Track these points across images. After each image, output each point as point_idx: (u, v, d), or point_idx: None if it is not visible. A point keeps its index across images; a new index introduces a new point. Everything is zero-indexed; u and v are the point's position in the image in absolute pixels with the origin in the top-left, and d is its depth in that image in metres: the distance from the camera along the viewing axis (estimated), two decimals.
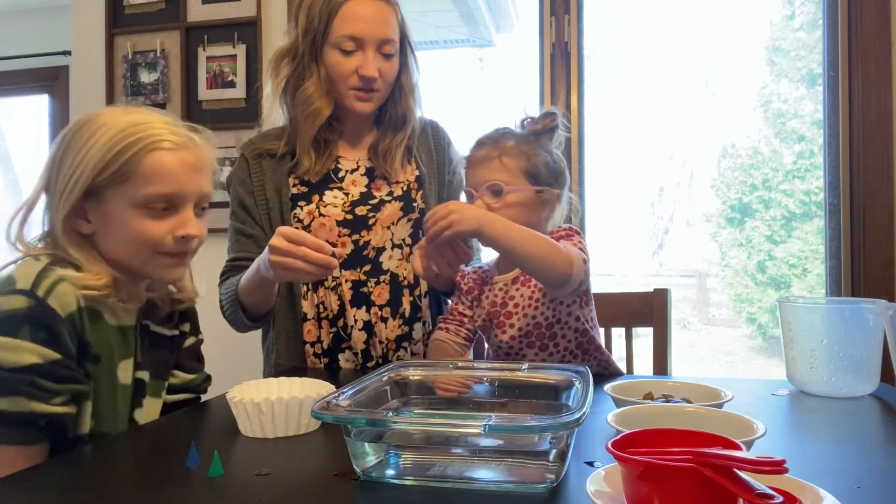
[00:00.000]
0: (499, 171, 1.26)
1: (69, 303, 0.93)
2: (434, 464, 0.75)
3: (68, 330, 0.93)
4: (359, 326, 1.40)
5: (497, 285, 1.32)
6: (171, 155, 1.00)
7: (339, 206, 1.42)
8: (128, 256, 1.02)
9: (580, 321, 1.29)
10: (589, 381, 0.82)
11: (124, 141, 0.98)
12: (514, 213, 1.23)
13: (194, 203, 1.04)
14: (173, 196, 1.01)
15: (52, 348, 0.91)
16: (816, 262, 5.31)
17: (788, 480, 0.61)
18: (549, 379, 0.92)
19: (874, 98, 1.94)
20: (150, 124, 1.01)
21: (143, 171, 0.99)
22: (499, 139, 1.28)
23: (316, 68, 1.39)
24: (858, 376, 1.13)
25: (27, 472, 0.83)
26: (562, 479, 0.73)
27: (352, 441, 0.75)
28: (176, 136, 1.02)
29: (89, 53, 2.53)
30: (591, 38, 2.26)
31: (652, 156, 6.08)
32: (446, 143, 1.58)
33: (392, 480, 0.75)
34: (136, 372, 1.06)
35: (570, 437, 0.72)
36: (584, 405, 0.70)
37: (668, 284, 1.12)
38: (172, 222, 1.02)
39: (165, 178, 1.00)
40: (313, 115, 1.39)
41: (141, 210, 1.00)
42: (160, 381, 1.11)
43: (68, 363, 0.93)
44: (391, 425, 0.72)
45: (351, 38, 1.35)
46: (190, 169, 1.03)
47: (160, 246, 1.01)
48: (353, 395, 0.82)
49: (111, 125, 0.99)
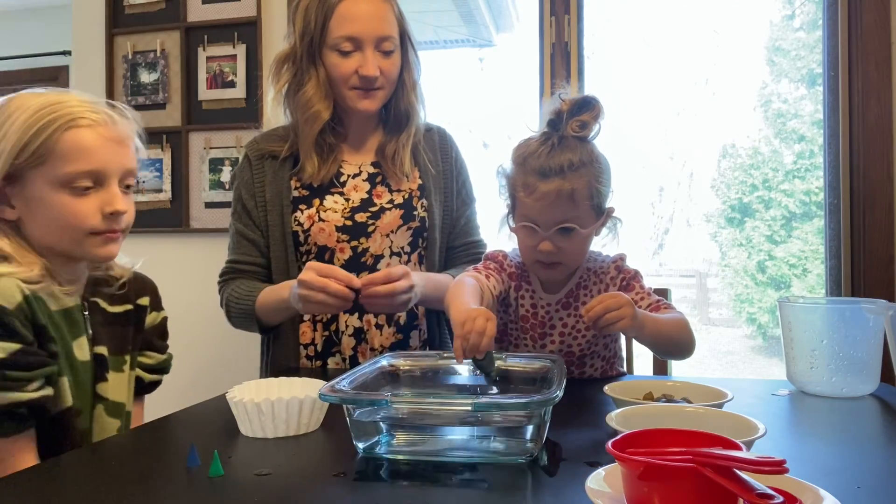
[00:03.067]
0: (570, 210, 1.16)
1: (13, 294, 0.93)
2: (425, 441, 0.85)
3: (20, 320, 0.93)
4: (349, 332, 1.40)
5: (542, 300, 1.27)
6: (89, 131, 0.99)
7: (339, 211, 1.41)
8: (57, 239, 1.01)
9: (609, 350, 1.31)
10: (562, 367, 0.94)
11: (41, 121, 0.97)
12: (580, 247, 1.21)
13: (118, 179, 1.03)
14: (96, 172, 1.00)
15: (8, 340, 0.91)
16: (816, 262, 5.32)
17: (788, 480, 0.61)
18: (527, 367, 1.02)
19: (874, 98, 1.94)
20: (66, 103, 0.99)
21: (62, 150, 0.97)
22: (564, 169, 1.14)
23: (315, 71, 1.38)
24: (858, 376, 1.13)
25: (27, 472, 0.83)
26: (549, 466, 0.73)
27: (352, 421, 0.83)
28: (94, 112, 1.00)
29: (89, 53, 2.53)
30: (591, 38, 2.26)
31: (652, 156, 6.08)
32: (454, 152, 1.55)
33: (387, 456, 0.83)
34: (95, 347, 1.06)
35: (546, 414, 0.81)
36: (559, 387, 0.81)
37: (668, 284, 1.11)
38: (98, 200, 1.01)
39: (86, 155, 0.99)
40: (313, 119, 1.38)
41: (65, 190, 0.98)
42: (121, 355, 1.12)
43: (31, 350, 0.93)
44: (390, 405, 0.79)
45: (348, 38, 1.34)
46: (111, 143, 1.01)
47: (89, 226, 1.00)
48: (350, 383, 0.88)
49: (26, 107, 0.98)
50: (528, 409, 0.78)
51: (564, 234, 1.17)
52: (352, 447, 0.84)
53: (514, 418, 0.82)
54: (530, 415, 0.80)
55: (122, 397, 1.10)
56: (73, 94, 1.03)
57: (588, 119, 1.18)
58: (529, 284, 1.28)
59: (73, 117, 0.98)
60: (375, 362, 1.01)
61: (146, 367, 1.19)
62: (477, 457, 0.81)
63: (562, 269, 1.22)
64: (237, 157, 2.38)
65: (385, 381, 1.00)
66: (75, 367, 1.02)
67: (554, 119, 1.19)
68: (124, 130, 1.04)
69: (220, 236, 2.28)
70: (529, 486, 0.73)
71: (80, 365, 1.03)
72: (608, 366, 1.31)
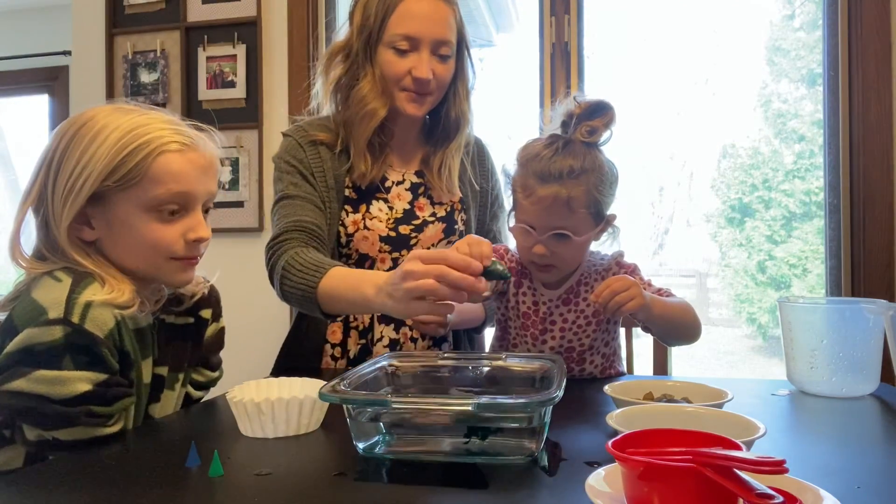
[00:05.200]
0: (566, 217, 1.15)
1: (106, 322, 0.91)
2: (425, 441, 0.85)
3: (108, 348, 0.90)
4: (384, 343, 1.38)
5: (543, 296, 1.28)
6: (179, 157, 0.98)
7: (383, 220, 1.38)
8: (137, 262, 0.99)
9: (609, 347, 1.31)
10: (562, 367, 0.92)
11: (132, 144, 0.95)
12: (574, 253, 1.21)
13: (202, 204, 1.02)
14: (184, 198, 0.99)
15: (97, 370, 0.89)
16: (816, 262, 5.32)
17: (788, 480, 0.61)
18: (527, 367, 1.01)
19: (874, 98, 1.94)
20: (154, 125, 0.98)
21: (153, 175, 0.96)
22: (564, 175, 1.14)
23: (371, 68, 1.34)
24: (858, 376, 1.13)
25: (27, 471, 0.83)
26: (549, 466, 0.73)
27: (353, 421, 0.83)
28: (182, 136, 0.99)
29: (89, 53, 2.53)
30: (591, 38, 2.26)
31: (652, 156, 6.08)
32: (490, 163, 1.53)
33: (387, 456, 0.83)
34: (155, 368, 1.04)
35: (546, 414, 0.81)
36: (559, 387, 0.80)
37: (668, 284, 1.11)
38: (183, 226, 1.00)
39: (175, 181, 0.97)
40: (369, 116, 1.34)
41: (151, 214, 0.97)
42: (177, 373, 1.09)
43: (115, 379, 0.92)
44: (391, 405, 0.79)
45: (406, 37, 1.30)
46: (198, 170, 1.00)
47: (172, 251, 0.99)
48: (350, 383, 0.87)
49: (113, 127, 0.96)
50: (528, 409, 0.78)
51: (559, 239, 1.17)
52: (352, 447, 0.84)
53: (514, 418, 0.82)
54: (530, 415, 0.80)
55: (166, 415, 1.08)
56: (154, 111, 1.02)
57: (598, 125, 1.17)
58: (530, 281, 1.29)
59: (165, 141, 0.97)
60: (375, 362, 1.01)
61: (195, 384, 1.15)
62: (477, 457, 0.81)
63: (555, 271, 1.23)
64: (237, 156, 2.38)
65: (385, 381, 1.00)
66: (140, 390, 1.00)
67: (566, 121, 1.19)
68: (210, 154, 1.03)
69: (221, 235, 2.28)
70: (529, 486, 0.73)
71: (143, 387, 1.01)
72: (608, 363, 1.31)
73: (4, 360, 0.87)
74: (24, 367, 0.86)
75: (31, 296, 0.91)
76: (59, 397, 0.86)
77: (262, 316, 2.21)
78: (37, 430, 0.89)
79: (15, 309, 0.91)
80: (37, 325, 0.87)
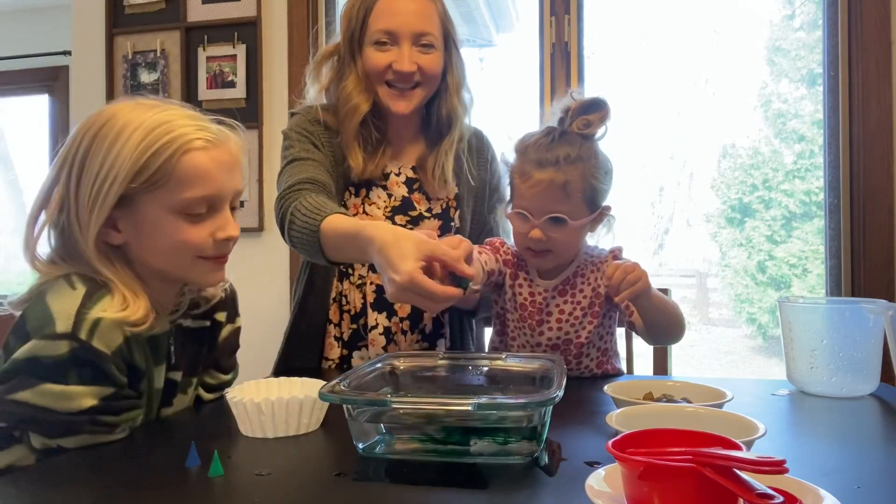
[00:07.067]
0: (562, 201, 1.19)
1: (114, 339, 0.89)
2: (425, 441, 0.84)
3: (116, 364, 0.89)
4: (379, 330, 1.38)
5: (539, 287, 1.29)
6: (204, 155, 0.95)
7: (381, 208, 1.40)
8: (166, 264, 0.97)
9: (605, 342, 1.31)
10: (562, 367, 0.93)
11: (157, 143, 0.91)
12: (570, 239, 1.23)
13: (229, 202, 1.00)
14: (212, 197, 0.96)
15: (103, 385, 0.88)
16: (816, 262, 5.32)
17: (788, 480, 0.61)
18: (527, 367, 1.02)
19: (874, 98, 1.94)
20: (177, 122, 0.94)
21: (179, 174, 0.92)
22: (560, 160, 1.18)
23: (354, 66, 1.37)
24: (858, 376, 1.13)
25: (27, 470, 0.83)
26: (549, 466, 0.73)
27: (353, 421, 0.84)
28: (206, 132, 0.96)
29: (89, 53, 2.53)
30: (591, 38, 2.26)
31: (652, 156, 6.08)
32: (490, 157, 1.53)
33: (387, 456, 0.83)
34: (169, 373, 1.03)
35: (546, 414, 0.81)
36: (559, 387, 0.80)
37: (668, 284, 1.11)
38: (212, 225, 0.97)
39: (203, 180, 0.94)
40: (352, 112, 1.36)
41: (180, 215, 0.94)
42: (190, 377, 1.08)
43: (122, 392, 0.91)
44: (391, 405, 0.80)
45: (385, 31, 1.32)
46: (224, 168, 0.97)
47: (201, 251, 0.97)
48: (350, 383, 0.88)
49: (135, 125, 0.92)
50: (528, 409, 0.78)
51: (555, 223, 1.20)
52: (352, 447, 0.84)
53: (514, 418, 0.82)
54: (530, 415, 0.80)
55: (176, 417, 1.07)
56: (176, 107, 0.98)
57: (594, 119, 1.21)
58: (526, 273, 1.30)
59: (189, 139, 0.94)
60: (375, 362, 1.01)
61: (207, 387, 1.14)
62: (477, 457, 0.81)
63: (551, 257, 1.25)
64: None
65: (385, 381, 1.00)
66: (151, 395, 1.00)
67: (562, 116, 1.23)
68: (235, 151, 1.00)
69: None
70: (529, 486, 0.73)
71: (154, 392, 1.00)
72: (605, 358, 1.31)
73: (11, 366, 0.86)
74: (31, 378, 0.85)
75: (45, 300, 0.89)
76: (64, 411, 0.86)
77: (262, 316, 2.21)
78: (42, 439, 0.88)
79: (27, 311, 0.90)
80: (43, 338, 0.85)
